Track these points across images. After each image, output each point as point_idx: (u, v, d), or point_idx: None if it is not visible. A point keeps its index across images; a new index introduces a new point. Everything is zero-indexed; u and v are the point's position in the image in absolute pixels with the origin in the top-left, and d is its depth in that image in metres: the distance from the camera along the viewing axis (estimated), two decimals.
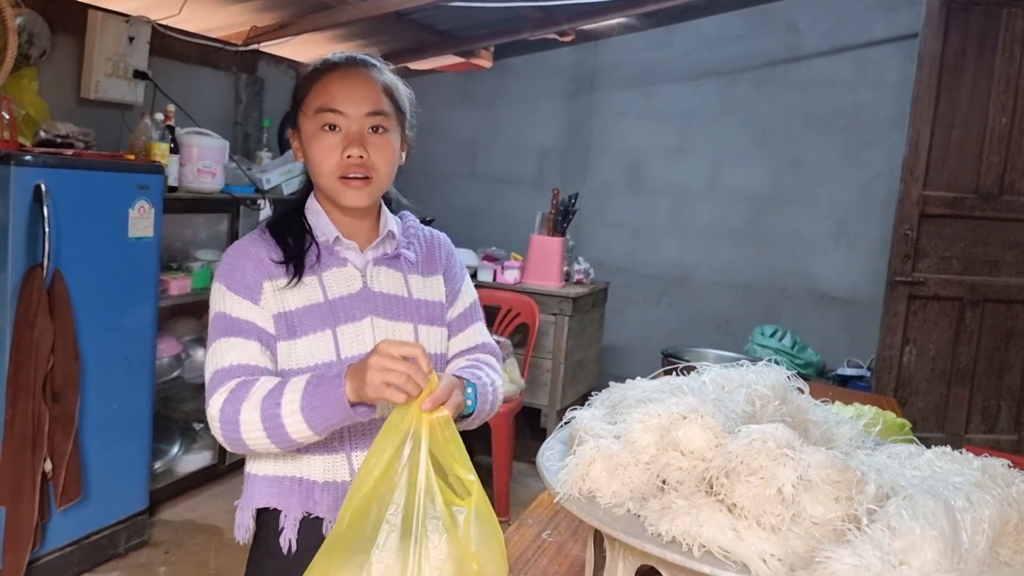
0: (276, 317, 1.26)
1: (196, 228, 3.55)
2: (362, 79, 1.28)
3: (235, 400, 1.18)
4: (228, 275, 1.27)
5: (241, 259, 1.28)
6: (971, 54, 3.65)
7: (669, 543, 0.91)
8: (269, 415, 1.16)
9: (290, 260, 1.28)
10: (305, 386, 1.15)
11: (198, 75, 3.94)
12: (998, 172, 3.71)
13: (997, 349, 3.85)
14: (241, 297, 1.26)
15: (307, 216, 1.34)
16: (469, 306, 1.45)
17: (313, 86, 1.28)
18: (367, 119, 1.27)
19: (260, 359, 1.24)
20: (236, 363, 1.23)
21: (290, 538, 1.28)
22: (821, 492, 0.91)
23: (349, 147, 1.25)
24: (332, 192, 1.29)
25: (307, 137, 1.28)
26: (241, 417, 1.17)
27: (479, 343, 1.44)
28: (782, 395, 1.18)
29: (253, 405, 1.17)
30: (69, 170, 2.56)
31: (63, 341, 2.52)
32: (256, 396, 1.17)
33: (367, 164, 1.26)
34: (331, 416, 1.15)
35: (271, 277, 1.27)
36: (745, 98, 4.70)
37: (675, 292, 4.95)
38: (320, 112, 1.26)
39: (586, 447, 1.05)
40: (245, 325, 1.25)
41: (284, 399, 1.15)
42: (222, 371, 1.23)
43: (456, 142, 5.33)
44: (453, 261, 1.45)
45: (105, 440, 2.76)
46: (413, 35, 4.48)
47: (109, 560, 2.85)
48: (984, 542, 0.86)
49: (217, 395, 1.21)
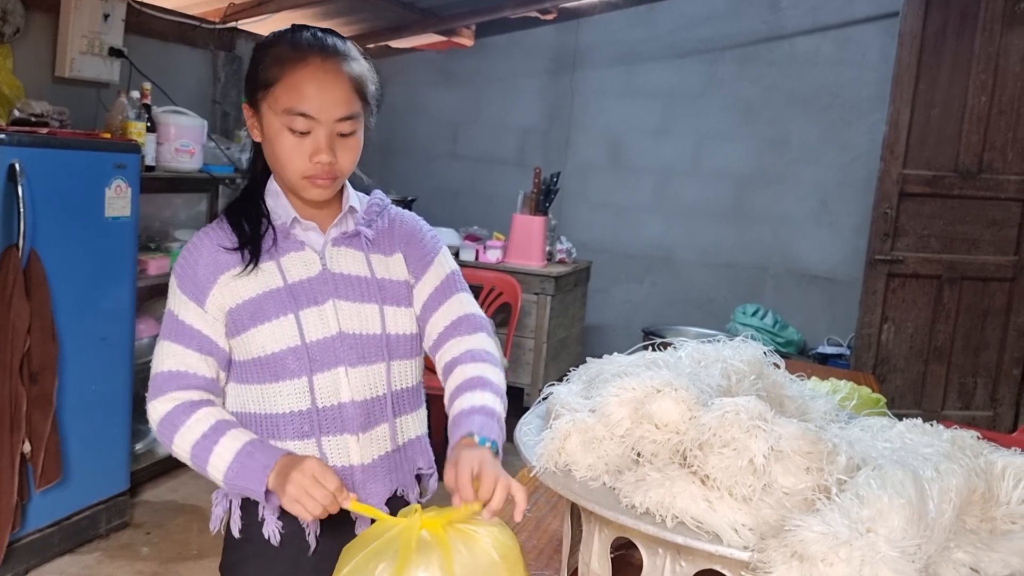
0: (233, 311, 1.24)
1: (175, 208, 3.51)
2: (335, 78, 1.21)
3: (171, 426, 1.22)
4: (181, 271, 1.27)
5: (194, 253, 1.27)
6: (951, 33, 3.66)
7: (643, 515, 0.93)
8: (198, 464, 1.21)
9: (245, 246, 1.25)
10: (234, 459, 1.18)
11: (175, 53, 3.89)
12: (977, 151, 3.74)
13: (974, 327, 3.89)
14: (188, 298, 1.25)
15: (266, 199, 1.30)
16: (445, 278, 1.35)
17: (282, 77, 1.21)
18: (337, 124, 1.22)
19: (197, 366, 1.25)
20: (173, 370, 1.24)
21: (272, 529, 1.27)
22: (792, 463, 0.92)
23: (319, 154, 1.21)
24: (295, 187, 1.26)
25: (271, 131, 1.23)
26: (174, 448, 1.23)
27: (462, 315, 1.32)
28: (758, 370, 1.19)
29: (185, 445, 1.21)
30: (44, 149, 2.52)
31: (40, 321, 2.49)
32: (189, 437, 1.21)
33: (335, 168, 1.23)
34: (246, 491, 1.19)
35: (226, 268, 1.25)
36: (728, 77, 4.69)
37: (658, 271, 4.96)
38: (289, 114, 1.20)
39: (562, 421, 1.06)
40: (187, 331, 1.25)
41: (212, 459, 1.19)
42: (161, 376, 1.25)
43: (437, 121, 5.30)
44: (417, 239, 1.36)
45: (84, 421, 2.74)
46: (394, 13, 4.44)
47: (90, 541, 2.84)
48: (951, 510, 0.88)
49: (157, 403, 1.24)
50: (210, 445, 1.19)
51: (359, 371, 1.27)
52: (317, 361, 1.24)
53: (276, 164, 1.26)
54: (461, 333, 1.32)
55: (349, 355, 1.26)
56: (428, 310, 1.34)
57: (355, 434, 1.27)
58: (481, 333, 1.33)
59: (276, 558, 1.29)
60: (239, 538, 1.30)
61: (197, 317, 1.25)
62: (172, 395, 1.23)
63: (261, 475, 1.16)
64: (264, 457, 1.17)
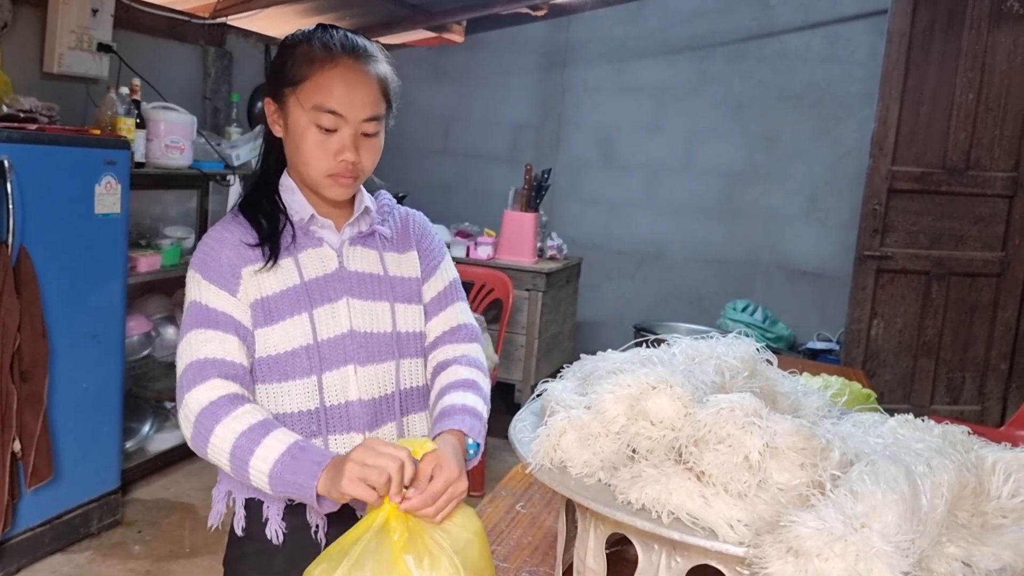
0: (254, 304, 1.23)
1: (165, 205, 3.50)
2: (364, 79, 1.24)
3: (212, 416, 1.14)
4: (203, 264, 1.23)
5: (216, 246, 1.24)
6: (939, 31, 3.68)
7: (639, 511, 0.93)
8: (239, 455, 1.12)
9: (265, 242, 1.24)
10: (285, 451, 1.11)
11: (165, 48, 3.87)
12: (964, 148, 3.76)
13: (962, 322, 3.92)
14: (218, 288, 1.21)
15: (280, 194, 1.30)
16: (448, 284, 1.40)
17: (312, 75, 1.22)
18: (363, 124, 1.23)
19: (238, 355, 1.20)
20: (213, 357, 1.18)
21: (276, 528, 1.26)
22: (787, 459, 0.93)
23: (343, 152, 1.22)
24: (316, 186, 1.26)
25: (297, 127, 1.23)
26: (212, 440, 1.14)
27: (459, 324, 1.38)
28: (751, 367, 1.20)
29: (228, 435, 1.13)
30: (33, 145, 2.51)
31: (30, 319, 2.48)
32: (234, 427, 1.13)
33: (357, 167, 1.25)
34: (293, 494, 1.12)
35: (248, 262, 1.23)
36: (718, 73, 4.71)
37: (649, 268, 4.97)
38: (318, 111, 1.21)
39: (557, 418, 1.06)
40: (223, 317, 1.20)
41: (259, 451, 1.11)
42: (198, 363, 1.18)
43: (428, 118, 5.29)
44: (429, 238, 1.42)
45: (75, 419, 2.73)
46: (384, 9, 4.42)
47: (82, 540, 2.83)
48: (943, 505, 0.89)
49: (197, 391, 1.16)
50: (258, 438, 1.12)
51: (368, 369, 1.27)
52: (327, 359, 1.24)
53: (299, 160, 1.25)
54: (458, 340, 1.37)
55: (359, 353, 1.26)
56: (428, 314, 1.38)
57: (362, 432, 1.26)
58: (476, 344, 1.39)
59: (278, 556, 1.28)
60: (242, 536, 1.30)
61: (230, 304, 1.22)
62: (215, 382, 1.17)
63: (314, 470, 1.08)
64: (318, 455, 1.11)
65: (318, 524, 1.28)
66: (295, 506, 1.27)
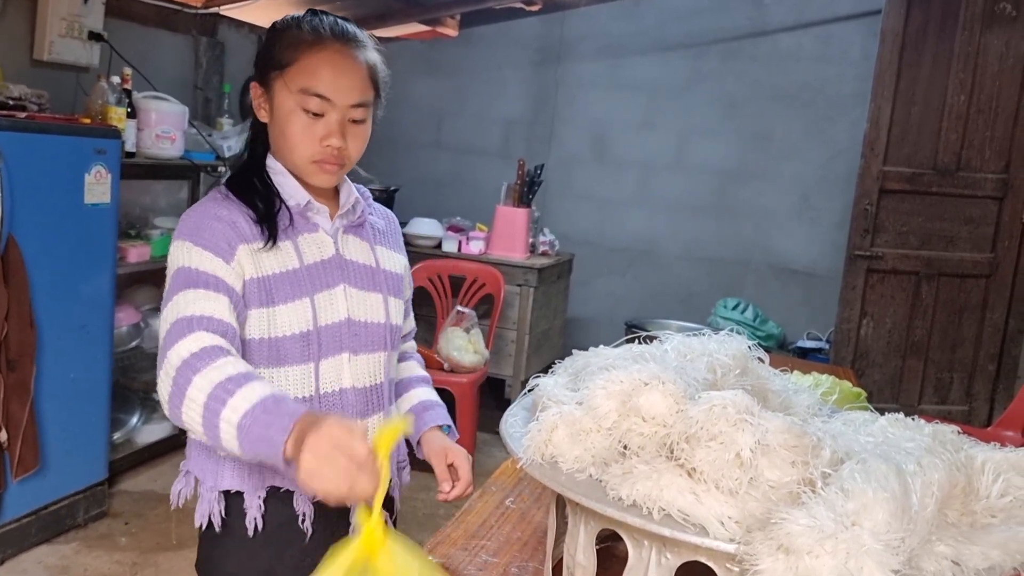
0: (252, 282, 1.19)
1: (155, 195, 3.47)
2: (352, 64, 1.22)
3: (190, 369, 1.04)
4: (194, 233, 1.17)
5: (208, 220, 1.19)
6: (932, 32, 3.70)
7: (630, 507, 0.93)
8: (212, 407, 1.01)
9: (263, 221, 1.21)
10: (259, 402, 1.00)
11: (156, 38, 3.84)
12: (955, 149, 3.78)
13: (951, 323, 3.94)
14: (212, 254, 1.15)
15: (271, 176, 1.27)
16: (411, 290, 1.47)
17: (299, 58, 1.20)
18: (351, 110, 1.22)
19: (227, 316, 1.12)
20: (201, 314, 1.10)
21: (255, 518, 1.23)
22: (778, 456, 0.93)
23: (329, 137, 1.20)
24: (301, 172, 1.25)
25: (283, 111, 1.21)
26: (189, 392, 1.03)
27: (412, 328, 1.52)
28: (743, 364, 1.20)
29: (206, 385, 1.02)
30: (22, 133, 2.49)
31: (18, 308, 2.46)
32: (212, 377, 1.02)
33: (343, 153, 1.23)
34: (263, 452, 0.99)
35: (245, 240, 1.19)
36: (712, 71, 4.71)
37: (640, 265, 4.98)
38: (305, 94, 1.19)
39: (549, 413, 1.06)
40: (213, 279, 1.14)
41: (232, 400, 1.00)
42: (184, 319, 1.09)
43: (421, 111, 5.27)
44: (401, 240, 1.46)
45: (63, 409, 2.71)
46: (378, 1, 4.41)
47: (68, 531, 2.82)
48: (933, 504, 0.89)
49: (179, 345, 1.06)
50: (234, 388, 1.01)
51: (361, 359, 1.28)
52: (325, 346, 1.24)
53: (284, 145, 1.24)
54: (409, 338, 1.53)
55: (353, 342, 1.27)
56: None
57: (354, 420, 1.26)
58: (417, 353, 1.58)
59: (262, 551, 1.25)
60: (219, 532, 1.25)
61: (223, 270, 1.16)
62: (200, 335, 1.08)
63: (286, 423, 0.96)
64: (293, 407, 1.00)
65: (304, 513, 1.25)
66: (281, 494, 1.24)
